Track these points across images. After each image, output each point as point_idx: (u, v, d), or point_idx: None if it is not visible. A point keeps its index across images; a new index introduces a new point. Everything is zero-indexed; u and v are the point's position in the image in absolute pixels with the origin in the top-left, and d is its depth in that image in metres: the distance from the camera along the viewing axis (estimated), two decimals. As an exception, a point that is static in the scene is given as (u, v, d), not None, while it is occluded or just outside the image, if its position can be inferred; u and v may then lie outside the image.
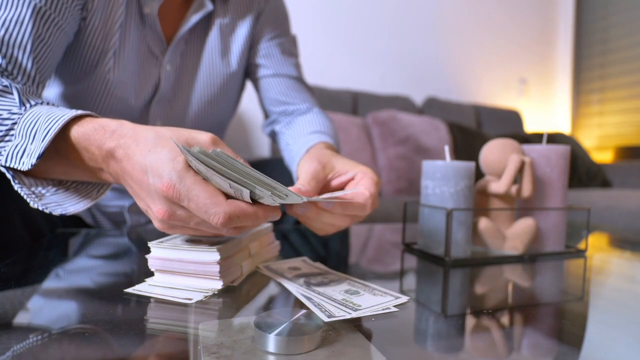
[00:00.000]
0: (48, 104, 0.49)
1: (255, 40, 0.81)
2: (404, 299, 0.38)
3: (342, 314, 0.33)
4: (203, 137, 0.38)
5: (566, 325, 0.37)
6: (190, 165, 0.35)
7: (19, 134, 0.44)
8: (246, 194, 0.34)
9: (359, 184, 0.47)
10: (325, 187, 0.50)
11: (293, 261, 0.51)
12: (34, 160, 0.42)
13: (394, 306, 0.36)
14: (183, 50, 0.74)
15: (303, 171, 0.49)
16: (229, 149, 0.39)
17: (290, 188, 0.45)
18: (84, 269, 0.50)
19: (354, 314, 0.33)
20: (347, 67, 2.43)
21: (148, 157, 0.36)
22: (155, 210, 0.36)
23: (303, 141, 0.71)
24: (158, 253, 0.40)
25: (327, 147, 0.64)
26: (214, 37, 0.75)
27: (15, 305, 0.36)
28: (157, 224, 0.38)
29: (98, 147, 0.41)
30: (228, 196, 0.35)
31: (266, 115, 0.87)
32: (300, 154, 0.68)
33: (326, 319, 0.31)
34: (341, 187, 0.50)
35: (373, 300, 0.37)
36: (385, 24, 2.52)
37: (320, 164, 0.50)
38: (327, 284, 0.41)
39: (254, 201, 0.36)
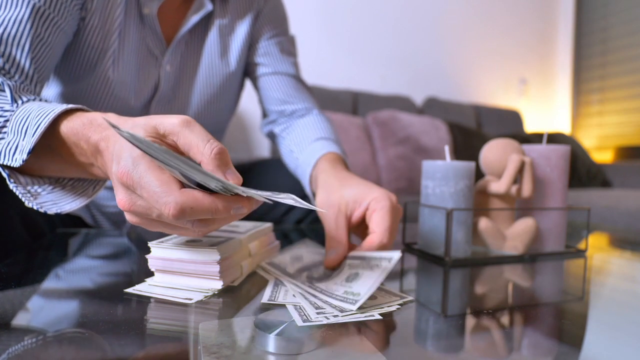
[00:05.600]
0: (41, 100, 0.49)
1: (254, 40, 0.81)
2: (394, 306, 0.36)
3: (319, 319, 0.32)
4: (173, 120, 0.34)
5: (566, 325, 0.37)
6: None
7: (11, 131, 0.44)
8: (177, 174, 0.31)
9: (372, 219, 0.47)
10: (349, 223, 0.50)
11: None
12: (24, 156, 0.42)
13: (382, 311, 0.34)
14: (183, 51, 0.74)
15: (326, 224, 0.50)
16: (203, 131, 0.35)
17: (329, 255, 0.46)
18: (84, 269, 0.50)
19: (332, 320, 0.32)
20: (348, 67, 2.43)
21: (116, 147, 0.34)
22: (118, 200, 0.34)
23: (309, 151, 0.71)
24: (158, 253, 0.40)
25: (332, 164, 0.63)
26: (213, 37, 0.75)
27: (15, 305, 0.36)
28: (126, 217, 0.36)
29: (86, 141, 0.40)
30: (184, 186, 0.32)
31: (264, 114, 0.87)
32: (308, 168, 0.68)
33: (300, 323, 0.30)
34: (363, 221, 0.50)
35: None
36: (386, 24, 2.52)
37: (335, 206, 0.50)
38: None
39: (212, 192, 0.32)
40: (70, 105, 0.43)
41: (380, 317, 0.33)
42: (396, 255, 0.39)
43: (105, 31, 0.64)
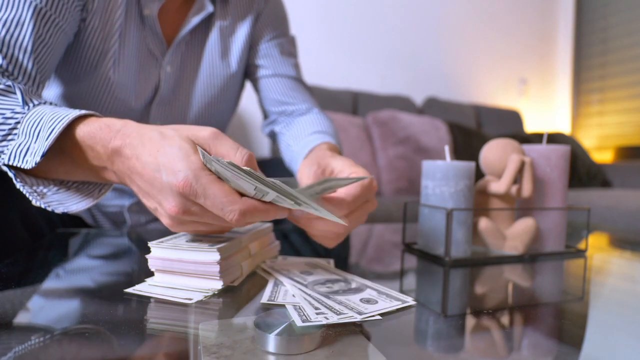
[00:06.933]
0: (51, 103, 0.49)
1: (255, 41, 0.81)
2: (393, 307, 0.36)
3: (319, 319, 0.31)
4: (204, 133, 0.39)
5: (566, 325, 0.37)
6: (205, 165, 0.36)
7: (22, 133, 0.45)
8: (272, 195, 0.35)
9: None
10: None
11: (301, 263, 0.50)
12: (38, 159, 0.42)
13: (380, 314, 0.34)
14: (183, 52, 0.74)
15: (304, 176, 0.49)
16: (231, 141, 0.40)
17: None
18: (84, 269, 0.50)
19: (332, 320, 0.31)
20: (348, 67, 2.43)
21: (159, 157, 0.37)
22: (169, 207, 0.37)
23: (304, 142, 0.71)
24: (158, 253, 0.40)
25: (328, 148, 0.64)
26: (214, 38, 0.76)
27: (15, 305, 0.36)
28: (166, 221, 0.39)
29: (103, 145, 0.41)
30: (241, 194, 0.37)
31: (265, 115, 0.87)
32: (302, 155, 0.68)
33: (300, 323, 0.30)
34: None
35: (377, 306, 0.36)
36: (386, 24, 2.52)
37: (320, 167, 0.50)
38: (345, 292, 0.39)
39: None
40: (84, 111, 0.44)
41: (380, 318, 0.33)
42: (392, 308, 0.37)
43: (106, 32, 0.65)
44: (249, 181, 0.34)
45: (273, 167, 0.88)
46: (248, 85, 0.89)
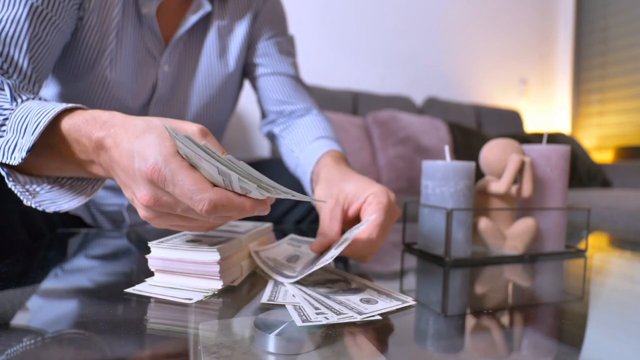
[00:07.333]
0: (40, 99, 0.48)
1: (253, 40, 0.81)
2: (393, 307, 0.36)
3: (319, 319, 0.31)
4: (191, 128, 0.37)
5: (566, 325, 0.37)
6: (178, 151, 0.34)
7: (10, 129, 0.44)
8: (234, 177, 0.32)
9: (366, 211, 0.48)
10: (345, 216, 0.50)
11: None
12: (23, 154, 0.41)
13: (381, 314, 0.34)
14: (181, 51, 0.74)
15: (322, 215, 0.50)
16: (218, 143, 0.38)
17: (315, 241, 0.46)
18: (83, 269, 0.50)
19: (332, 320, 0.31)
20: (348, 67, 2.43)
21: (135, 143, 0.35)
22: (140, 196, 0.35)
23: (309, 150, 0.71)
24: (158, 253, 0.40)
25: (334, 161, 0.64)
26: (212, 37, 0.75)
27: (15, 305, 0.36)
28: (142, 213, 0.36)
29: (88, 137, 0.40)
30: (214, 185, 0.34)
31: (263, 114, 0.87)
32: (309, 166, 0.68)
33: (300, 324, 0.30)
34: (358, 213, 0.50)
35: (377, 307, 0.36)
36: (386, 24, 2.52)
37: (333, 197, 0.51)
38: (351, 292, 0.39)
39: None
40: (71, 105, 0.43)
41: (379, 318, 0.33)
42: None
43: (103, 31, 0.64)
44: (209, 160, 0.32)
45: (273, 167, 0.88)
46: (247, 86, 0.89)
